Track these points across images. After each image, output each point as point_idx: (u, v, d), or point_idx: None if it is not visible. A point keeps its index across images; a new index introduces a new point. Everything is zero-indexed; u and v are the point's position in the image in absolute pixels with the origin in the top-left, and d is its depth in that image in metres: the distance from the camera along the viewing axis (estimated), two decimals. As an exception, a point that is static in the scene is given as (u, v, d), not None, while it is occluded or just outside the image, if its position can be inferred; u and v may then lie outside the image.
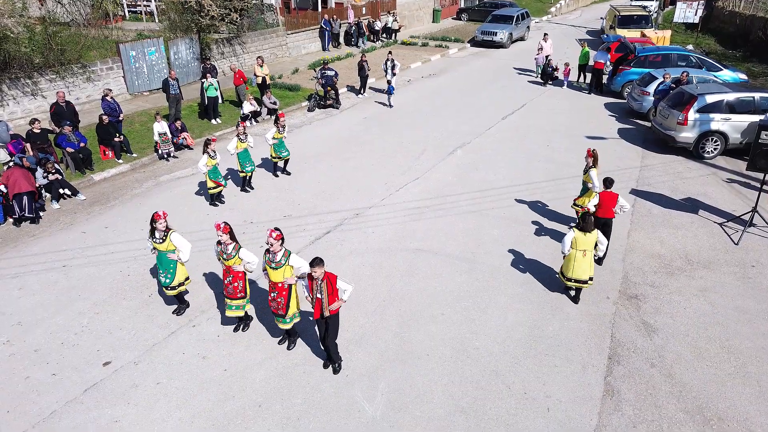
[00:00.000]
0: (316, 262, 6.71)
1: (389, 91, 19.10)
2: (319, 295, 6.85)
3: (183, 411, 6.74)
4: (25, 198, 10.97)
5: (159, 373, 7.30)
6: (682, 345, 7.86)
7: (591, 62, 21.11)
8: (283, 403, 6.86)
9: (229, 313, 7.92)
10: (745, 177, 13.30)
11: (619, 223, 11.13)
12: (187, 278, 8.28)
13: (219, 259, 7.75)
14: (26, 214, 11.03)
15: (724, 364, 7.51)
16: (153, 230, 7.92)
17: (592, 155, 10.13)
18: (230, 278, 7.68)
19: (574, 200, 10.63)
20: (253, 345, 7.85)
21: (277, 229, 7.12)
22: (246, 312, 8.07)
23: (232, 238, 7.57)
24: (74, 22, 22.77)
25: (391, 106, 19.19)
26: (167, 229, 7.93)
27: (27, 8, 17.10)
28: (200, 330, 8.13)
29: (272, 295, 7.37)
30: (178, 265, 8.08)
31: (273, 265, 7.15)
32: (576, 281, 8.49)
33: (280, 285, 7.23)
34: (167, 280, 8.06)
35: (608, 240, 9.03)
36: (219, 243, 7.59)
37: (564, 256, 8.61)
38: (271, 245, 7.07)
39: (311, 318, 8.10)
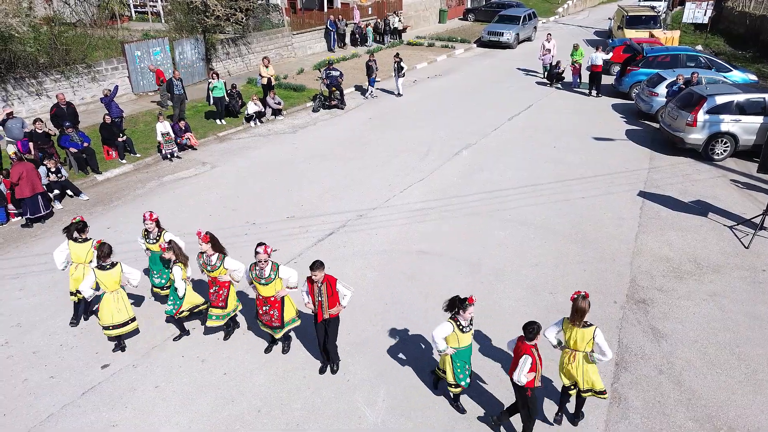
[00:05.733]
0: (316, 265, 6.60)
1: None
2: (319, 298, 6.74)
3: (181, 415, 6.63)
4: (39, 197, 10.91)
5: (157, 377, 7.21)
6: (691, 351, 7.68)
7: (588, 63, 20.71)
8: (282, 408, 6.75)
9: (210, 323, 7.63)
10: (755, 179, 13.07)
11: (626, 226, 10.98)
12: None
13: (202, 271, 7.49)
14: (43, 213, 11.01)
15: (734, 371, 7.33)
16: (147, 230, 7.87)
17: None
18: (216, 288, 7.46)
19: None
20: (254, 348, 7.74)
21: (262, 243, 6.87)
22: (230, 321, 7.84)
23: (216, 248, 7.30)
24: (80, 22, 22.80)
25: (401, 94, 20.19)
26: (160, 230, 7.87)
27: (33, 8, 17.10)
28: (200, 333, 8.02)
29: (264, 308, 7.12)
30: None
31: (262, 281, 6.91)
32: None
33: (272, 299, 7.03)
34: (162, 280, 7.96)
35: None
36: (201, 254, 7.34)
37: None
38: (260, 260, 6.80)
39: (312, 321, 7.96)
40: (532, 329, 5.69)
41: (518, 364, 5.72)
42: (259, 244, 6.87)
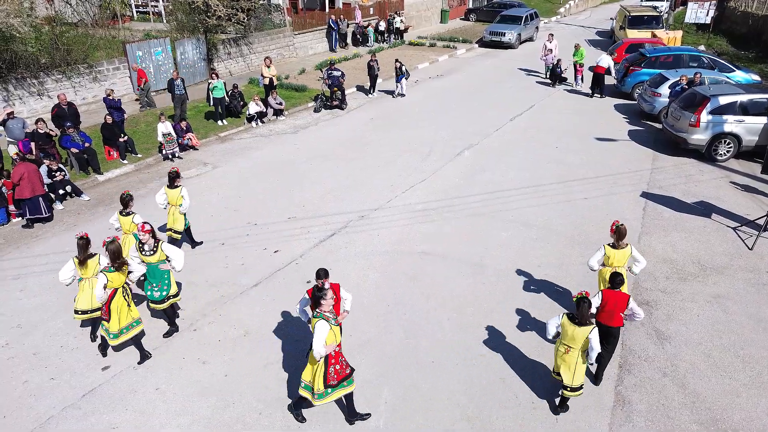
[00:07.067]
0: (323, 273, 6.43)
1: (397, 80, 20.05)
2: None
3: (182, 417, 6.60)
4: (40, 199, 10.89)
5: (158, 378, 7.17)
6: (695, 353, 7.63)
7: (585, 63, 20.64)
8: (283, 410, 6.70)
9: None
10: (758, 180, 13.00)
11: (629, 227, 10.89)
12: (176, 294, 7.90)
13: None
14: (45, 214, 10.99)
15: (738, 374, 7.28)
16: (141, 242, 7.47)
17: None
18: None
19: None
20: (255, 350, 7.70)
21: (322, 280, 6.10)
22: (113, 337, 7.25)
23: (112, 259, 7.05)
24: (82, 22, 22.81)
25: (403, 95, 20.06)
26: (156, 240, 7.54)
27: (34, 8, 17.08)
28: (201, 334, 7.99)
29: (340, 359, 6.09)
30: (172, 275, 7.73)
31: (338, 320, 6.19)
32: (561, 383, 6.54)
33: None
34: (161, 294, 7.64)
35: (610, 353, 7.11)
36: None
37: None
38: (329, 297, 5.92)
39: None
40: (621, 279, 6.77)
41: (623, 308, 6.71)
42: (322, 288, 5.91)
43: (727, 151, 14.08)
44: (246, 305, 8.63)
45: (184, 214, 9.66)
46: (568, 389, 6.42)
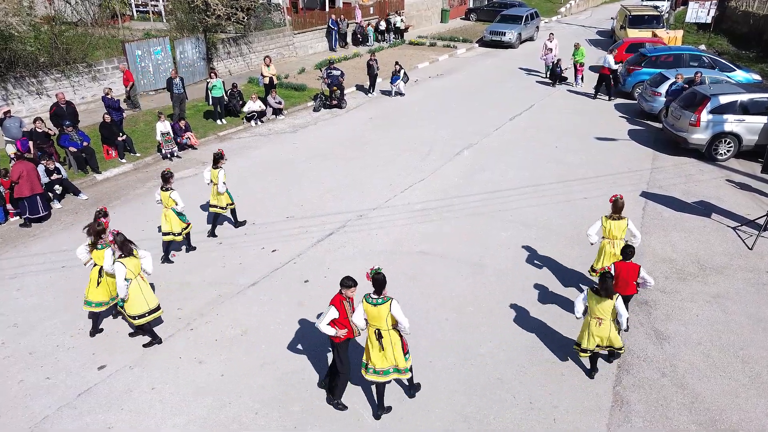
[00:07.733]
0: (352, 282, 6.27)
1: (392, 81, 20.10)
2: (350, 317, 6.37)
3: (178, 417, 6.56)
4: (38, 198, 10.86)
5: (154, 378, 7.13)
6: (694, 354, 7.59)
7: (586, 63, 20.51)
8: (280, 410, 6.67)
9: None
10: (759, 180, 12.95)
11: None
12: (151, 311, 7.49)
13: None
14: (42, 213, 10.97)
15: (738, 374, 7.24)
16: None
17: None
18: None
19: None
20: (252, 350, 7.66)
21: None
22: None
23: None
24: (82, 21, 22.80)
25: (403, 94, 20.06)
26: (123, 254, 7.22)
27: (33, 7, 17.07)
28: (197, 334, 7.95)
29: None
30: (140, 291, 7.39)
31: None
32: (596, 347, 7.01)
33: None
34: (120, 301, 7.51)
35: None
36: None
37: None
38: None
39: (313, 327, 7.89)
40: (632, 251, 7.28)
41: (635, 277, 7.28)
42: (380, 272, 6.31)
43: (728, 151, 14.04)
44: (243, 305, 8.60)
45: (228, 194, 10.38)
46: (605, 348, 6.98)
